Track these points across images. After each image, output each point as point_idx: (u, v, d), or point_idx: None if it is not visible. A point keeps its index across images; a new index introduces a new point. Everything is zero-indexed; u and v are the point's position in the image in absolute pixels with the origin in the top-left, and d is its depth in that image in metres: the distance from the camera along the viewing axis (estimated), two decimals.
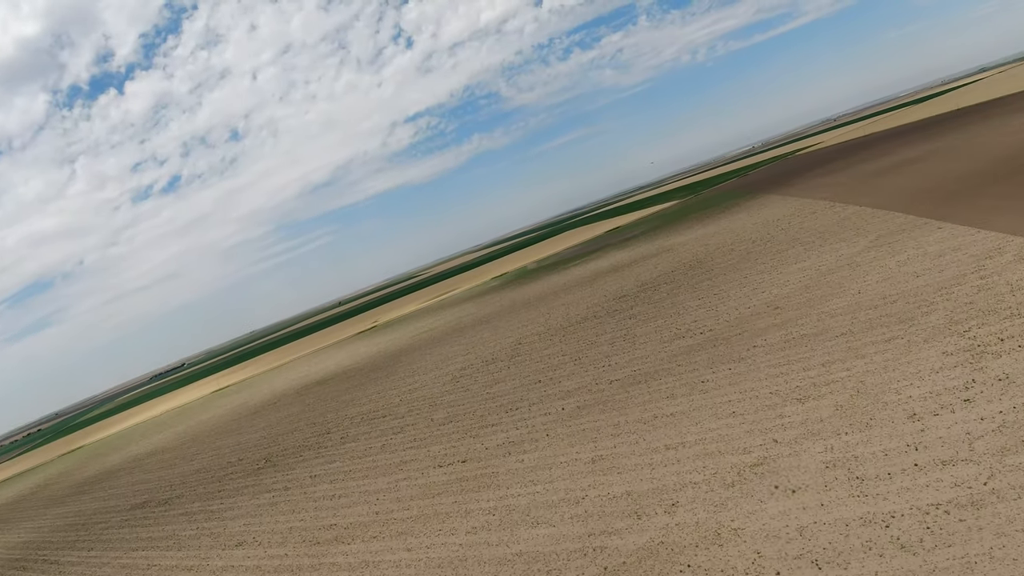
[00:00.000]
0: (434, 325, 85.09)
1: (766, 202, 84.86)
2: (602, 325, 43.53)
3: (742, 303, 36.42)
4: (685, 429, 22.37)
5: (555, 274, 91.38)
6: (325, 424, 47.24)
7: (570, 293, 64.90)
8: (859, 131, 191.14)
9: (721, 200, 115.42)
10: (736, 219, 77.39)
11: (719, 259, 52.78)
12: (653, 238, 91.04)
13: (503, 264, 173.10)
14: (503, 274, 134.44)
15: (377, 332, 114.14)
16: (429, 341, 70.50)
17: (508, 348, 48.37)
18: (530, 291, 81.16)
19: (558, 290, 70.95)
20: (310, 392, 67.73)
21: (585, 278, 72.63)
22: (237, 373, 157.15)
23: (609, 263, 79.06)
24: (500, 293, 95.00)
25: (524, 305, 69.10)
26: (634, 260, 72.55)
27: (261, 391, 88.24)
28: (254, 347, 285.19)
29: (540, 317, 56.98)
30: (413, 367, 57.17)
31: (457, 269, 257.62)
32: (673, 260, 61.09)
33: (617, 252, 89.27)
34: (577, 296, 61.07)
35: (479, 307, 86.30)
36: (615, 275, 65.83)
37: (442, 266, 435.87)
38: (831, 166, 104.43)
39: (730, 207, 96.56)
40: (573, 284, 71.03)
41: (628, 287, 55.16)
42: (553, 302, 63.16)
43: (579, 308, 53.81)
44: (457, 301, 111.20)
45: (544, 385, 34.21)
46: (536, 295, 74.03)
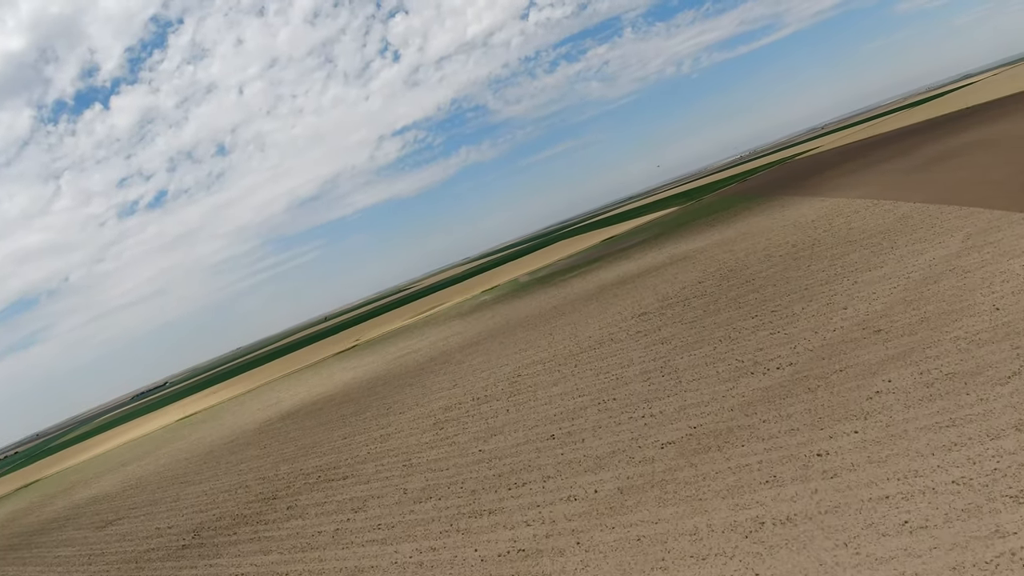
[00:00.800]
0: (417, 347, 75.35)
1: (786, 204, 76.16)
2: (625, 352, 34.11)
3: (821, 324, 27.18)
4: (823, 553, 12.91)
5: (552, 287, 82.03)
6: (275, 482, 37.36)
7: (575, 310, 55.50)
8: (860, 134, 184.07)
9: (729, 204, 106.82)
10: (756, 222, 68.52)
11: (757, 266, 43.64)
12: (660, 245, 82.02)
13: (492, 277, 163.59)
14: (493, 288, 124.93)
15: (357, 352, 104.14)
16: (410, 369, 60.79)
17: (504, 381, 38.82)
18: (525, 308, 71.67)
19: (559, 306, 61.52)
20: (271, 430, 57.74)
21: (589, 292, 63.28)
22: (210, 397, 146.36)
23: (615, 274, 69.82)
24: (491, 310, 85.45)
25: (520, 325, 59.58)
26: (645, 270, 63.33)
27: (222, 425, 78.01)
28: (233, 367, 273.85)
29: (541, 340, 47.50)
30: (388, 402, 47.45)
31: (444, 283, 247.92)
32: (696, 269, 51.90)
33: (621, 262, 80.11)
34: (584, 314, 51.67)
35: (467, 326, 76.67)
36: (626, 288, 56.54)
37: (430, 279, 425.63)
38: (847, 166, 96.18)
39: (742, 210, 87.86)
40: (576, 299, 61.64)
41: (647, 302, 45.83)
42: (555, 321, 53.71)
43: (589, 329, 44.38)
44: (443, 318, 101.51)
45: (561, 444, 24.67)
46: (533, 313, 64.54)
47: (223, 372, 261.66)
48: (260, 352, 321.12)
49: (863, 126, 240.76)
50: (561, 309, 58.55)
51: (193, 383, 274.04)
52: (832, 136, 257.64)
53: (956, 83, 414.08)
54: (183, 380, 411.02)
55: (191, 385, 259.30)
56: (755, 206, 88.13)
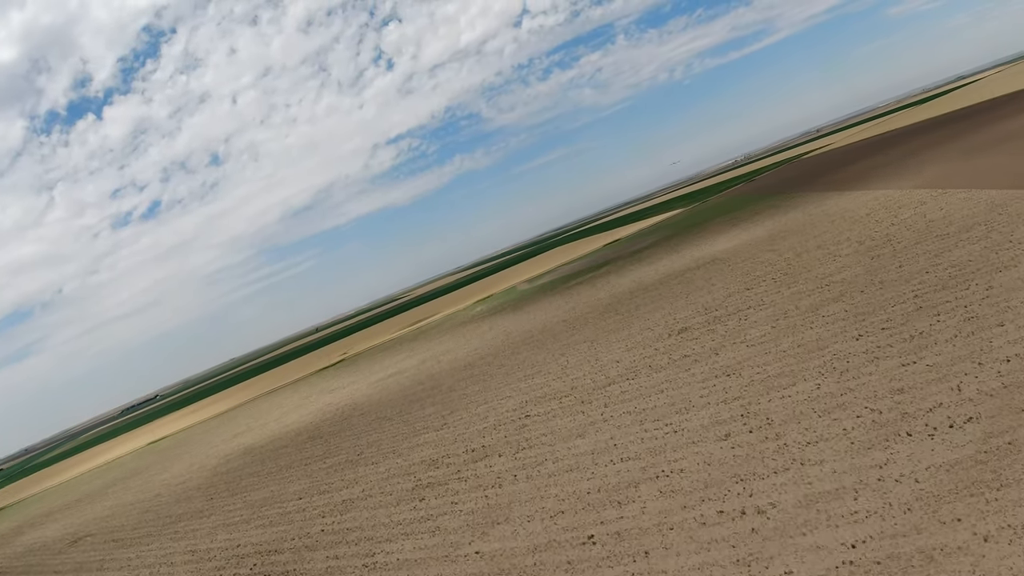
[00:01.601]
0: (403, 366, 65.99)
1: (819, 200, 67.30)
2: (676, 387, 24.86)
3: (979, 349, 18.01)
4: None
5: (555, 296, 72.80)
6: (204, 562, 27.89)
7: (589, 324, 46.24)
8: (870, 131, 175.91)
9: (744, 203, 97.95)
10: (791, 219, 59.61)
11: (822, 268, 34.56)
12: (675, 247, 72.96)
13: (487, 285, 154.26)
14: (488, 297, 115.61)
15: (341, 369, 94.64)
16: (392, 396, 51.46)
17: (508, 424, 29.52)
18: (527, 321, 62.40)
19: (570, 320, 52.28)
20: (227, 471, 48.31)
21: (603, 302, 54.08)
22: (186, 417, 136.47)
23: (629, 281, 60.66)
24: (487, 323, 76.16)
25: (524, 342, 50.30)
26: (667, 276, 54.20)
27: (180, 460, 68.45)
28: (220, 381, 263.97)
29: (551, 364, 38.24)
30: (360, 444, 38.05)
31: (438, 291, 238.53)
32: (737, 273, 42.77)
33: (635, 266, 70.96)
34: (602, 329, 42.43)
35: (460, 341, 67.34)
36: (649, 297, 47.35)
37: (424, 288, 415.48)
38: (876, 159, 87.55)
39: (765, 208, 79.02)
40: (589, 311, 52.40)
41: (684, 315, 36.63)
42: (566, 338, 44.46)
43: (614, 350, 35.14)
44: (435, 332, 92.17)
45: (608, 556, 15.31)
46: (538, 327, 55.27)
47: (209, 387, 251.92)
48: (249, 365, 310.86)
49: (869, 124, 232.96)
50: (572, 323, 49.29)
51: (179, 398, 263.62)
52: (838, 135, 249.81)
53: (951, 84, 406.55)
54: (174, 392, 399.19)
55: (176, 401, 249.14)
56: (779, 203, 79.28)
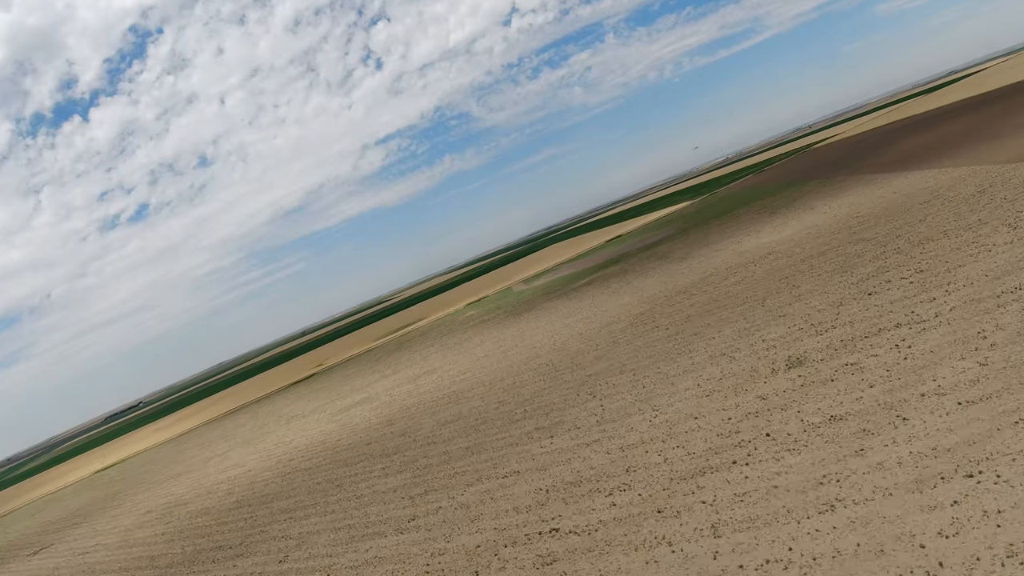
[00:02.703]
0: (374, 392, 53.72)
1: (882, 181, 55.44)
2: (869, 502, 12.68)
3: None
4: None
5: (560, 300, 60.59)
6: None
7: (617, 343, 33.90)
8: (888, 117, 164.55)
9: (774, 191, 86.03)
10: (856, 201, 47.63)
11: (982, 265, 22.49)
12: (705, 240, 60.91)
13: (480, 286, 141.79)
14: (480, 299, 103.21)
15: (312, 384, 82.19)
16: (353, 442, 39.14)
17: (522, 546, 17.28)
18: (527, 332, 50.09)
19: (584, 333, 39.93)
20: (134, 543, 35.93)
21: (629, 310, 41.80)
22: (150, 435, 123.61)
23: (657, 282, 48.50)
24: (479, 333, 63.87)
25: (527, 367, 37.97)
26: (710, 274, 42.01)
27: (98, 518, 56.00)
28: (193, 392, 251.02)
29: (577, 411, 25.99)
30: (295, 533, 25.73)
31: (427, 293, 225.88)
32: (827, 271, 30.61)
33: (656, 263, 58.82)
34: (643, 351, 30.13)
35: (444, 358, 55.03)
36: (695, 303, 35.11)
37: (416, 288, 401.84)
38: (922, 138, 75.86)
39: (807, 194, 67.17)
40: (611, 321, 40.09)
41: (779, 333, 24.45)
42: (591, 365, 32.10)
43: (679, 394, 22.90)
44: (418, 341, 79.81)
45: None
46: (543, 343, 42.95)
47: (184, 398, 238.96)
48: (230, 372, 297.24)
49: (879, 113, 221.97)
50: (592, 340, 36.97)
51: (156, 408, 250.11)
52: (843, 125, 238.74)
53: (945, 79, 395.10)
54: (158, 400, 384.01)
55: (151, 412, 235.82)
56: (820, 189, 67.43)
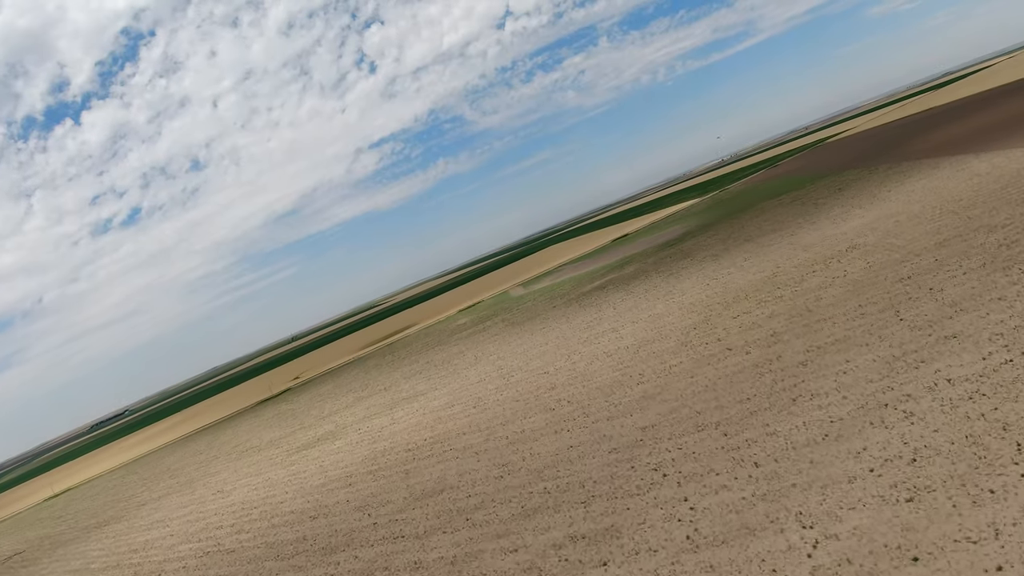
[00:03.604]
0: (343, 422, 43.33)
1: (934, 166, 45.59)
2: None
3: None
4: None
5: (571, 308, 50.30)
6: None
7: (673, 371, 23.57)
8: (894, 113, 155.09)
9: (807, 182, 76.00)
10: (933, 187, 37.53)
11: None
12: (742, 236, 50.81)
13: (475, 290, 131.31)
14: (474, 304, 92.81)
15: (281, 405, 71.73)
16: (302, 523, 28.78)
17: None
18: (534, 350, 39.72)
19: (612, 353, 29.56)
20: None
21: (674, 320, 31.45)
22: (104, 460, 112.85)
23: (699, 286, 38.25)
24: (475, 346, 53.54)
25: (541, 406, 27.65)
26: (776, 273, 31.78)
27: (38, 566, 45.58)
28: (172, 403, 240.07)
29: (648, 503, 15.68)
30: None
31: (420, 297, 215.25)
32: (977, 271, 20.41)
33: (687, 263, 48.58)
34: (720, 379, 19.82)
35: (428, 382, 44.63)
36: (773, 310, 24.80)
37: (410, 292, 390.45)
38: (955, 127, 66.05)
39: (848, 183, 57.21)
40: (653, 338, 29.69)
41: (968, 364, 14.21)
42: (639, 408, 21.81)
43: (829, 463, 12.62)
44: (402, 355, 69.43)
45: None
46: (562, 372, 32.66)
47: (162, 410, 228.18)
48: (215, 380, 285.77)
49: (890, 108, 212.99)
50: (629, 363, 26.59)
51: (138, 418, 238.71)
52: (853, 121, 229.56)
53: (941, 79, 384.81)
54: (143, 408, 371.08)
55: (132, 423, 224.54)
56: (866, 177, 57.47)
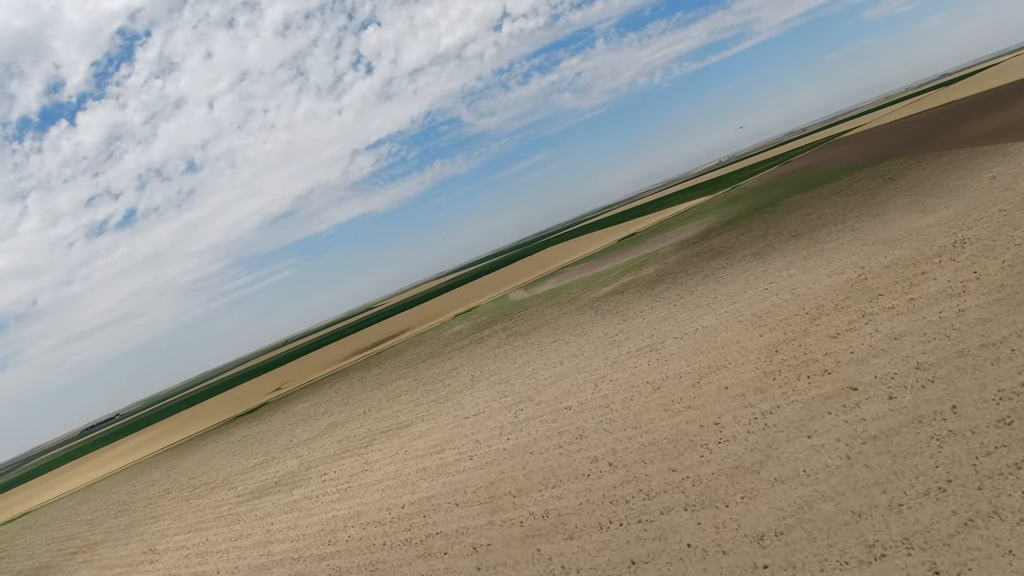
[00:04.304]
0: (306, 462, 35.41)
1: (1004, 151, 37.85)
2: None
3: None
4: None
5: (584, 316, 42.44)
6: None
7: (771, 422, 15.68)
8: (912, 107, 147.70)
9: (841, 173, 68.29)
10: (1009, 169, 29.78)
11: None
12: (787, 232, 43.10)
13: (470, 293, 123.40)
14: (471, 309, 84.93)
15: (251, 427, 63.89)
16: None
17: None
18: (544, 372, 31.89)
19: (664, 384, 21.68)
20: None
21: (739, 339, 23.60)
22: (70, 478, 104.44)
23: (756, 291, 30.43)
24: (466, 362, 45.66)
25: (571, 471, 19.71)
26: (866, 274, 23.98)
27: None
28: (156, 411, 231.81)
29: None
30: None
31: (416, 300, 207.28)
32: None
33: (725, 263, 40.75)
34: (854, 441, 11.90)
35: (417, 409, 36.75)
36: (879, 327, 17.00)
37: (405, 295, 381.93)
38: (1005, 114, 58.48)
39: (903, 171, 49.51)
40: (718, 363, 21.82)
41: None
42: (734, 489, 13.90)
43: None
44: (388, 368, 61.62)
45: None
46: (592, 409, 24.76)
47: (146, 417, 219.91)
48: (202, 387, 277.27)
49: (902, 104, 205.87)
50: (693, 402, 18.71)
51: (125, 424, 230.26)
52: (854, 120, 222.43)
53: (940, 80, 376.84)
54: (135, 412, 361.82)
55: (116, 430, 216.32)
56: (912, 166, 49.80)
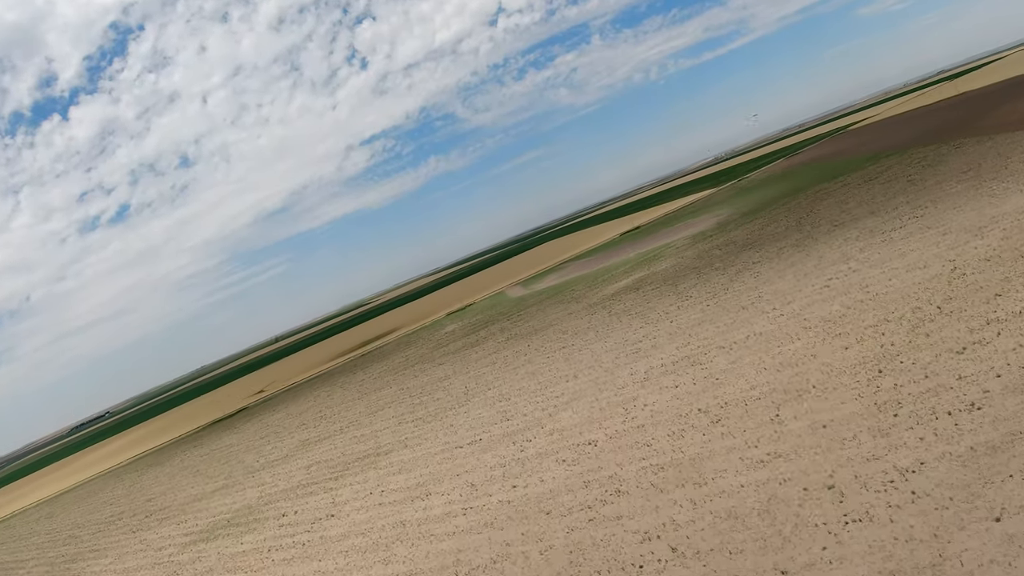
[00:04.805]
0: (264, 496, 29.81)
1: None
2: None
3: None
4: None
5: (596, 318, 36.90)
6: None
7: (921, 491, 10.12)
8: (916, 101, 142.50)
9: (865, 162, 62.83)
10: None
11: None
12: (827, 223, 37.60)
13: (464, 290, 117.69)
14: (466, 307, 79.33)
15: (222, 437, 58.33)
16: None
17: None
18: (554, 388, 26.34)
19: (722, 413, 16.09)
20: None
21: (829, 350, 18.03)
22: (27, 493, 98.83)
23: (816, 292, 24.87)
24: (461, 369, 40.17)
25: (599, 553, 14.04)
26: (960, 268, 18.45)
27: None
28: (140, 412, 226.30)
29: None
30: None
31: (409, 296, 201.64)
32: None
33: (760, 257, 35.23)
34: None
35: (399, 431, 31.22)
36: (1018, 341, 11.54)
37: (400, 290, 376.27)
38: None
39: (948, 155, 44.07)
40: (798, 387, 16.26)
41: None
42: None
43: None
44: (374, 374, 56.09)
45: None
46: (633, 462, 19.15)
47: (130, 417, 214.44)
48: (190, 385, 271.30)
49: (906, 97, 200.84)
50: (774, 451, 13.15)
51: (113, 423, 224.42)
52: (856, 115, 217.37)
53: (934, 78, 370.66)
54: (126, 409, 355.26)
55: (108, 427, 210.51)
56: (955, 151, 44.37)
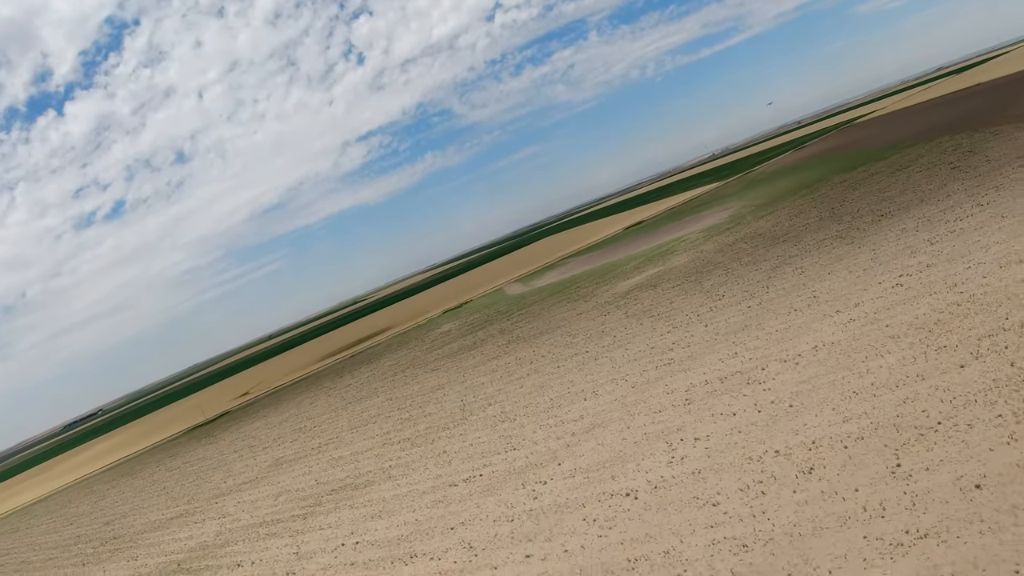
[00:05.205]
0: (236, 524, 25.34)
1: None
2: None
3: None
4: None
5: (610, 320, 32.56)
6: None
7: None
8: (921, 95, 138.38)
9: (889, 152, 58.61)
10: None
11: None
12: (868, 213, 33.33)
13: (461, 286, 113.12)
14: (462, 304, 74.89)
15: (195, 450, 53.91)
16: None
17: None
18: (567, 405, 21.88)
19: (818, 461, 11.68)
20: None
21: (937, 373, 13.65)
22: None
23: (886, 294, 20.50)
24: (457, 379, 35.80)
25: None
26: None
27: None
28: (128, 412, 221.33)
29: None
30: None
31: (405, 292, 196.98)
32: None
33: (803, 253, 30.86)
34: None
35: (384, 457, 26.82)
36: None
37: (397, 286, 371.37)
38: None
39: (982, 144, 39.92)
40: (899, 425, 11.96)
41: None
42: None
43: None
44: (366, 387, 51.68)
45: None
46: (697, 535, 14.66)
47: (115, 419, 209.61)
48: (181, 383, 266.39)
49: (912, 91, 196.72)
50: (915, 534, 8.87)
51: (101, 422, 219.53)
52: (857, 110, 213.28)
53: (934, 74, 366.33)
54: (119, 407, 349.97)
55: (95, 427, 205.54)
56: (985, 141, 40.21)
